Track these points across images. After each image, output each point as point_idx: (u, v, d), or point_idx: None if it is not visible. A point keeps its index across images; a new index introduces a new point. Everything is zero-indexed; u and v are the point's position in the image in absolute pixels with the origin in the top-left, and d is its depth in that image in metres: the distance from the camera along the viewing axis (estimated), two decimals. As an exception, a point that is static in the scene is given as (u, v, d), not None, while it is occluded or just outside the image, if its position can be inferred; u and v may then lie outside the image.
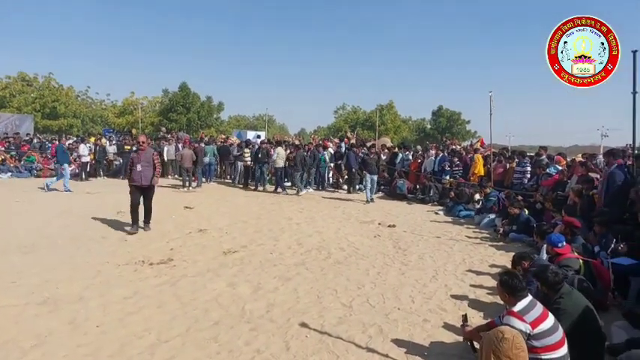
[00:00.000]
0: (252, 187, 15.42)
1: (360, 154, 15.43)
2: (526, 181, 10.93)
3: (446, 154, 14.36)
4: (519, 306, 3.19)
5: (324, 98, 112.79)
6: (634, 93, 6.24)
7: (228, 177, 18.08)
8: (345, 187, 15.62)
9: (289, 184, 15.62)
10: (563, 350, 3.11)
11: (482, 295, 5.35)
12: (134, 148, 17.77)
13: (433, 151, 15.04)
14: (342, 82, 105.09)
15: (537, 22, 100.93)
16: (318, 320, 4.43)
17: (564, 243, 5.09)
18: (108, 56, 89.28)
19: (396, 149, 17.36)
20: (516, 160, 11.81)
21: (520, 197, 9.49)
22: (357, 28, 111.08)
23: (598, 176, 8.27)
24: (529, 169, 11.08)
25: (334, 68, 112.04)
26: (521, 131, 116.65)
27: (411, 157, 15.82)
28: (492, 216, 9.85)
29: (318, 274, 6.00)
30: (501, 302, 4.89)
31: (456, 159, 13.79)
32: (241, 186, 15.93)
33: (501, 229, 8.61)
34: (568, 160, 11.06)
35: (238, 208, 11.18)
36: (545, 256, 5.30)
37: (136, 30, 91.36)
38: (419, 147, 19.51)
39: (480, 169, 12.66)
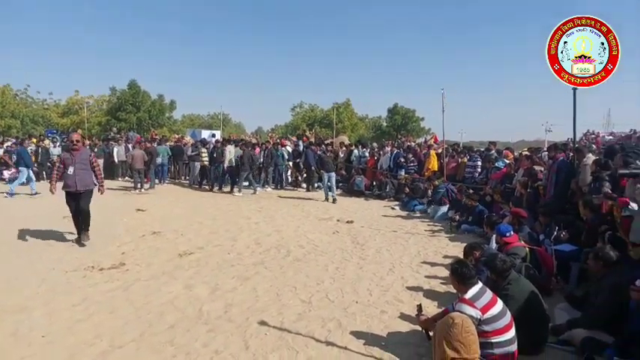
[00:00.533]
0: (208, 188, 15.11)
1: (318, 152, 15.51)
2: (477, 175, 11.38)
3: (401, 151, 14.70)
4: (470, 293, 3.33)
5: (281, 96, 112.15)
6: (574, 89, 6.64)
7: (183, 178, 17.65)
8: (304, 185, 15.65)
9: (247, 183, 15.48)
10: (511, 333, 3.28)
11: (436, 285, 5.53)
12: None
13: (389, 148, 15.34)
14: (299, 80, 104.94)
15: (489, 23, 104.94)
16: (278, 317, 4.42)
17: (512, 232, 5.35)
18: (49, 54, 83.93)
19: (353, 147, 17.56)
20: (467, 155, 12.27)
21: (471, 190, 9.87)
22: (312, 27, 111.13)
23: (542, 169, 8.74)
24: (479, 163, 11.55)
25: (291, 66, 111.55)
26: (472, 128, 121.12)
27: (367, 154, 16.06)
28: (445, 209, 10.19)
29: (277, 272, 5.98)
30: (454, 291, 5.10)
31: (411, 155, 14.15)
32: (197, 187, 15.59)
33: (457, 219, 8.93)
34: (515, 154, 11.59)
35: (194, 210, 10.93)
36: (494, 245, 5.55)
37: (79, 27, 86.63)
38: (375, 144, 19.80)
39: (433, 164, 13.06)
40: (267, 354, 3.66)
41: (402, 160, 13.93)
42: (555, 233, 5.89)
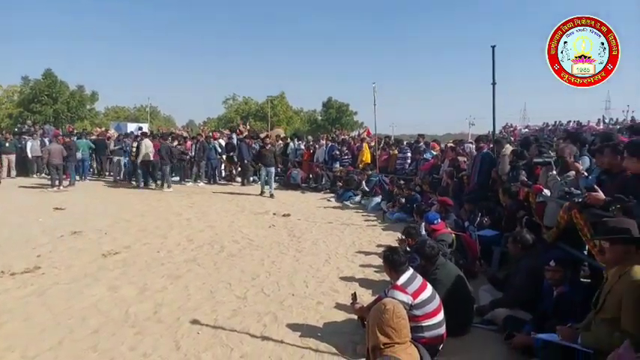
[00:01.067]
0: (135, 184, 14.30)
1: (253, 145, 15.26)
2: (407, 166, 11.78)
3: (336, 144, 14.87)
4: (402, 279, 3.43)
5: (212, 88, 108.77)
6: (493, 84, 7.05)
7: (107, 174, 16.60)
8: (239, 179, 15.34)
9: (177, 178, 14.90)
10: (440, 316, 3.43)
11: (370, 274, 5.66)
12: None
13: (324, 142, 15.47)
14: (231, 72, 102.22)
15: (422, 11, 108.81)
16: (211, 315, 4.28)
17: (439, 220, 5.61)
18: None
19: (289, 140, 17.51)
20: (398, 147, 12.68)
21: (402, 181, 10.21)
22: (244, 18, 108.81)
23: (465, 160, 9.24)
24: (409, 155, 11.97)
25: (222, 57, 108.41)
26: (402, 121, 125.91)
27: (303, 147, 16.09)
28: (378, 199, 10.48)
29: (210, 269, 5.80)
30: (388, 278, 5.24)
31: (345, 148, 14.36)
32: (125, 182, 14.74)
33: (389, 209, 9.23)
34: (442, 146, 12.15)
35: (120, 207, 10.30)
36: (424, 233, 5.77)
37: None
38: (310, 137, 19.89)
39: (366, 156, 13.35)
40: (199, 353, 3.53)
41: (337, 153, 14.11)
42: (478, 220, 6.25)
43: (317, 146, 15.36)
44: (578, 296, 3.33)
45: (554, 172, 4.90)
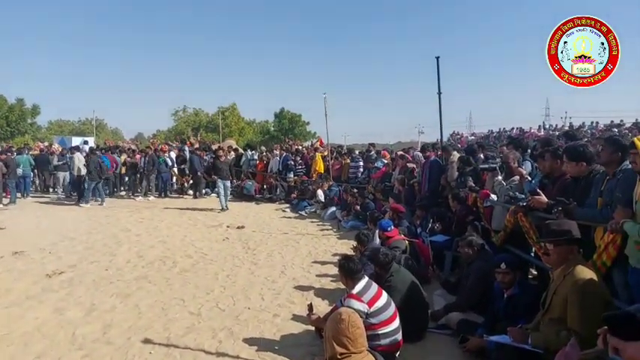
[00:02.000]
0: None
1: (205, 157, 14.96)
2: (359, 174, 12.01)
3: (289, 154, 14.89)
4: (357, 288, 3.45)
5: (161, 101, 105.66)
6: (439, 94, 7.37)
7: (51, 190, 15.71)
8: (190, 192, 14.96)
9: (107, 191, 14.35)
10: (396, 323, 3.47)
11: (326, 284, 5.68)
12: None
13: (277, 152, 15.44)
14: (180, 84, 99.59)
15: (374, 21, 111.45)
16: (164, 334, 4.13)
17: (392, 227, 5.73)
18: None
19: (242, 151, 17.34)
20: (351, 156, 12.89)
21: (356, 190, 10.37)
22: (191, 29, 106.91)
23: (415, 166, 9.53)
24: (361, 164, 12.20)
25: (171, 69, 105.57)
26: (354, 131, 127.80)
27: (256, 158, 15.97)
28: (334, 208, 10.58)
29: (162, 285, 5.60)
30: (342, 287, 5.28)
31: (299, 158, 14.41)
32: (68, 199, 13.99)
33: (347, 216, 9.35)
34: (392, 154, 12.47)
35: (64, 224, 9.75)
36: (377, 240, 5.87)
37: None
38: (264, 148, 19.79)
39: (320, 166, 13.47)
40: (152, 375, 3.40)
41: (291, 163, 14.13)
42: (430, 225, 6.45)
43: (270, 156, 15.31)
44: (527, 297, 3.44)
45: (500, 178, 5.14)
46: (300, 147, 17.97)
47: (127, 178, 15.57)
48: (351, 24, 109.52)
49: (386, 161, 11.08)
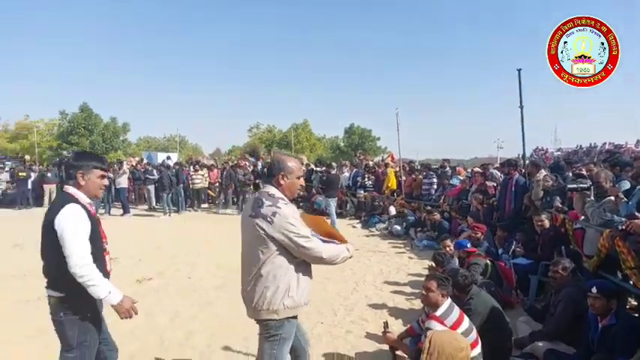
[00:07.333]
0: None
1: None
2: (433, 191, 11.68)
3: (360, 170, 14.91)
4: (440, 310, 3.28)
5: (238, 117, 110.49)
6: (521, 107, 7.01)
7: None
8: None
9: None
10: (478, 349, 3.26)
11: (400, 302, 5.57)
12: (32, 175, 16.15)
13: (347, 167, 15.52)
14: (255, 101, 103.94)
15: (447, 29, 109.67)
16: (243, 343, 4.27)
17: (470, 246, 5.51)
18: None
19: (313, 166, 17.66)
20: (424, 172, 12.61)
21: (429, 207, 10.11)
22: (268, 48, 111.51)
23: (494, 184, 9.11)
24: (435, 180, 11.87)
25: (247, 86, 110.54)
26: (427, 146, 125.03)
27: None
28: (403, 224, 10.38)
29: (239, 296, 5.79)
30: (418, 307, 5.15)
31: (370, 174, 14.37)
32: (153, 211, 15.11)
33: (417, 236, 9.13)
34: (468, 170, 12.03)
35: (152, 234, 10.54)
36: (456, 261, 5.65)
37: (29, 49, 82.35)
38: (334, 164, 20.01)
39: (392, 182, 13.30)
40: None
41: (361, 179, 14.13)
42: (513, 247, 6.10)
43: (340, 172, 15.43)
44: (625, 329, 3.13)
45: (592, 198, 4.76)
46: (369, 162, 17.92)
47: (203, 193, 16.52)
48: (422, 35, 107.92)
49: (462, 178, 10.70)
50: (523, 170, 7.57)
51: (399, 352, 3.76)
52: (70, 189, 2.62)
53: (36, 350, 4.11)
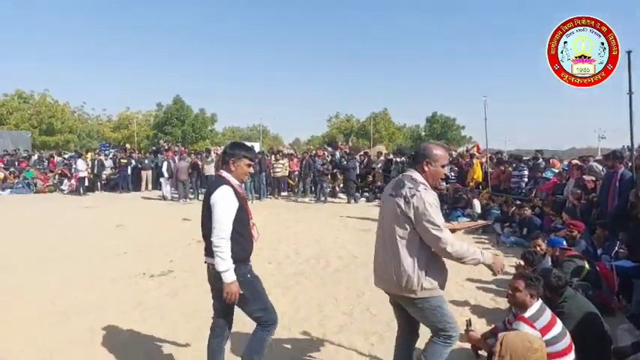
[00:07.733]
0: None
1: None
2: (523, 185, 10.92)
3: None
4: (530, 311, 3.07)
5: (317, 107, 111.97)
6: (630, 94, 6.25)
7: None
8: (341, 195, 15.62)
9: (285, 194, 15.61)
10: (571, 356, 3.01)
11: (483, 301, 5.30)
12: (132, 162, 17.90)
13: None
14: (335, 91, 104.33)
15: (528, 30, 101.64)
16: (319, 329, 4.36)
17: (565, 244, 5.08)
18: (102, 72, 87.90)
19: (391, 156, 17.36)
20: (513, 164, 11.82)
21: (518, 202, 9.47)
22: (348, 37, 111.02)
23: (593, 178, 8.28)
24: (526, 173, 11.08)
25: (327, 76, 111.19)
26: (517, 135, 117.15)
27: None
28: (491, 221, 9.81)
29: (317, 282, 5.94)
30: (502, 307, 4.87)
31: (453, 164, 13.79)
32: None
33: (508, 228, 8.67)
34: (564, 162, 11.06)
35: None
36: (549, 262, 5.24)
37: (127, 45, 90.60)
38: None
39: (478, 174, 12.66)
40: (311, 362, 3.62)
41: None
42: (616, 248, 5.51)
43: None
44: None
45: None
46: (453, 152, 17.20)
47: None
48: (511, 16, 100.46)
49: (557, 171, 9.86)
50: (630, 164, 6.78)
51: (481, 352, 3.58)
52: (224, 173, 3.04)
53: (134, 322, 4.54)
